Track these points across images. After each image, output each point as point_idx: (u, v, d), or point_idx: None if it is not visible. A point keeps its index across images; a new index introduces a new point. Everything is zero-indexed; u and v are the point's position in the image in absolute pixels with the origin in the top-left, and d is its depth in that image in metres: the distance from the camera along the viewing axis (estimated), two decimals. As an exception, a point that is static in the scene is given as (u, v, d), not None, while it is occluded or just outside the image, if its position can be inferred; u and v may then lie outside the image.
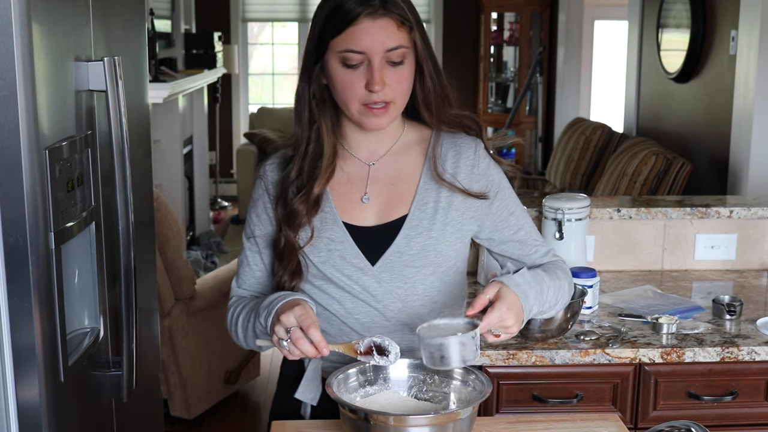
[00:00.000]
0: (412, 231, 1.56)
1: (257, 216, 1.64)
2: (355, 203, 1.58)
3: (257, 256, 1.65)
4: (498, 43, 7.56)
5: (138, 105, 2.20)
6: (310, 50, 1.54)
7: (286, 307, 1.42)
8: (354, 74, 1.49)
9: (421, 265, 1.56)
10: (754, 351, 1.99)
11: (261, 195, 1.64)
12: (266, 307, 1.48)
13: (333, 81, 1.52)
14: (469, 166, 1.60)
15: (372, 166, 1.60)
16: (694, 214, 2.57)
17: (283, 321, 1.40)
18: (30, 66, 1.45)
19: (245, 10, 8.10)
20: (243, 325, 1.60)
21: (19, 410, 1.53)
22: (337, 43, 1.48)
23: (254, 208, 1.65)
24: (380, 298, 1.56)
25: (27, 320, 1.50)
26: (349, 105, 1.51)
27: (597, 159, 5.27)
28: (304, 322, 1.38)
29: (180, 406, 3.41)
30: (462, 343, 1.35)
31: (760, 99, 3.67)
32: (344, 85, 1.50)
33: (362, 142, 1.60)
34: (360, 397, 1.45)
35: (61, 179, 1.59)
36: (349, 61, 1.48)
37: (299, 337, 1.38)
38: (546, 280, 1.58)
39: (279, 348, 1.43)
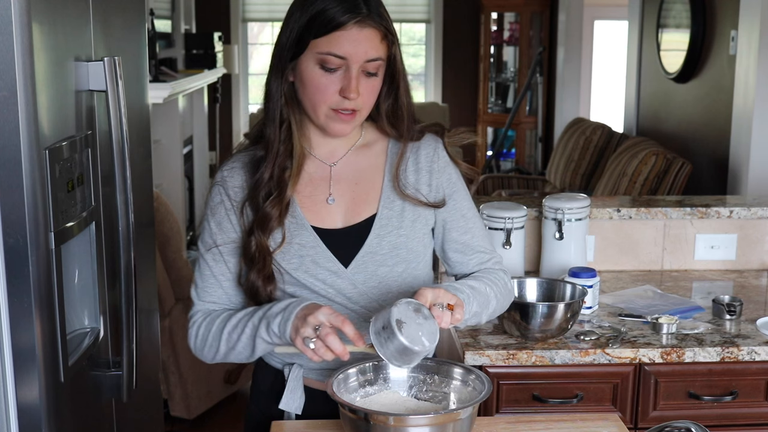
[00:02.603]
0: (383, 230, 1.56)
1: (218, 225, 1.58)
2: (320, 205, 1.57)
3: (222, 266, 1.57)
4: (498, 43, 7.56)
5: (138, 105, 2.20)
6: (286, 47, 1.50)
7: (310, 310, 1.39)
8: (330, 78, 1.48)
9: (394, 264, 1.57)
10: (754, 351, 1.99)
11: (220, 202, 1.58)
12: (279, 313, 1.42)
13: (305, 81, 1.50)
14: (427, 167, 1.61)
15: (333, 166, 1.59)
16: (694, 214, 2.57)
17: (310, 320, 1.36)
18: (30, 66, 1.45)
19: (245, 10, 8.10)
20: (229, 338, 1.50)
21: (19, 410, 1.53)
22: (319, 45, 1.47)
23: (213, 216, 1.58)
24: (356, 300, 1.56)
25: (27, 320, 1.50)
26: (317, 107, 1.50)
27: (597, 159, 5.27)
28: (336, 319, 1.36)
29: (180, 406, 3.41)
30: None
31: (760, 99, 3.67)
32: (318, 87, 1.49)
33: (323, 143, 1.59)
34: (360, 397, 1.45)
35: (61, 179, 1.59)
36: (328, 64, 1.47)
37: (329, 333, 1.35)
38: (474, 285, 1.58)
39: (303, 349, 1.37)
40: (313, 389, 1.60)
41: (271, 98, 1.54)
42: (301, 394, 1.59)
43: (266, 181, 1.53)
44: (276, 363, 1.64)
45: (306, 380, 1.60)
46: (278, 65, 1.52)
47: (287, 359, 1.60)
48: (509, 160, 7.55)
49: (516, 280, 2.05)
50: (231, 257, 1.57)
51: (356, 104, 1.49)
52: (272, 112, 1.53)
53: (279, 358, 1.62)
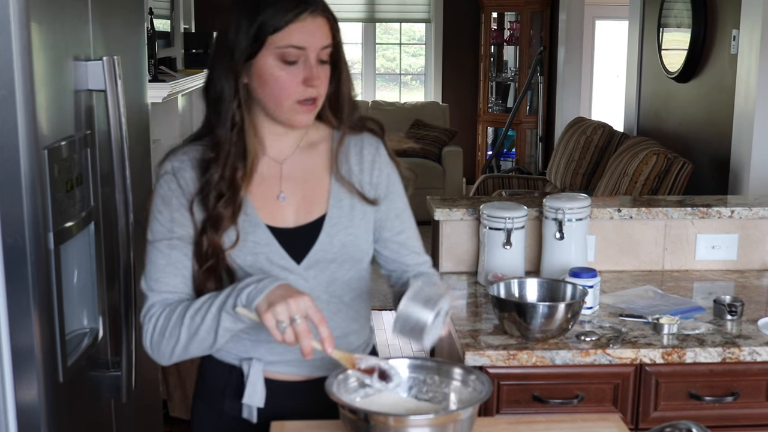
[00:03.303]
0: (333, 229, 1.58)
1: (171, 215, 1.53)
2: (271, 202, 1.58)
3: (179, 253, 1.52)
4: (498, 42, 7.56)
5: (137, 104, 2.19)
6: (237, 48, 1.49)
7: (290, 292, 1.37)
8: (291, 71, 1.49)
9: (343, 261, 1.60)
10: (756, 351, 1.98)
11: (173, 193, 1.54)
12: (253, 284, 1.39)
13: (266, 79, 1.49)
14: (370, 162, 1.63)
15: (283, 164, 1.60)
16: (695, 214, 2.57)
17: (291, 305, 1.34)
18: (29, 66, 1.45)
19: (245, 9, 8.09)
20: (192, 321, 1.45)
21: (18, 411, 1.53)
22: (277, 39, 1.47)
23: (167, 206, 1.53)
24: (317, 295, 1.57)
25: (26, 320, 1.50)
26: (282, 102, 1.51)
27: (597, 159, 5.26)
28: (316, 315, 1.36)
29: (179, 407, 3.40)
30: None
31: (761, 98, 3.67)
32: (281, 82, 1.49)
33: (273, 141, 1.59)
34: (360, 397, 1.44)
35: (60, 179, 1.58)
36: (289, 57, 1.48)
37: (305, 330, 1.35)
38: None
39: (270, 328, 1.35)
40: (273, 381, 1.59)
41: (222, 101, 1.52)
42: (263, 387, 1.59)
43: (217, 182, 1.52)
44: (231, 359, 1.61)
45: (266, 373, 1.59)
46: (229, 67, 1.50)
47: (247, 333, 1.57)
48: (509, 159, 7.55)
49: (516, 280, 2.05)
50: (188, 246, 1.53)
51: (317, 92, 1.52)
52: (224, 114, 1.52)
53: (234, 354, 1.60)
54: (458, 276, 2.51)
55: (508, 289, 2.01)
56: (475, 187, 5.91)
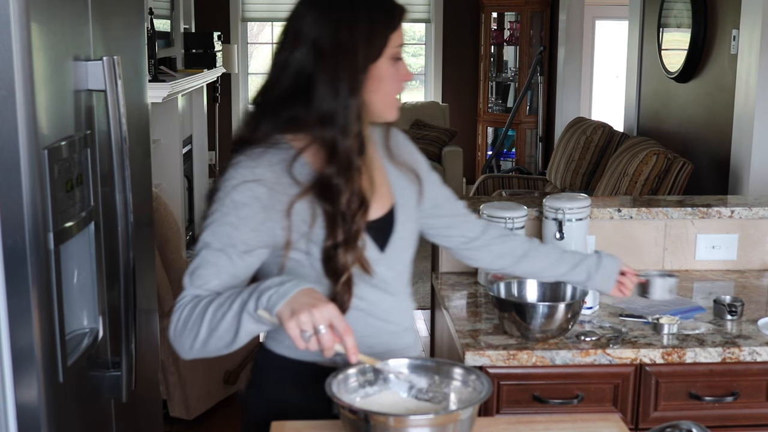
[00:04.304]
0: (403, 216, 1.63)
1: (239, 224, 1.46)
2: None
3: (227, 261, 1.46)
4: (498, 42, 7.56)
5: (137, 104, 2.19)
6: (364, 50, 1.46)
7: (315, 299, 1.33)
8: (398, 68, 1.53)
9: (410, 246, 1.66)
10: (756, 351, 1.98)
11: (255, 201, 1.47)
12: (275, 286, 1.35)
13: (381, 77, 1.50)
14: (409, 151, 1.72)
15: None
16: (695, 214, 2.56)
17: (315, 316, 1.31)
18: (29, 65, 1.45)
19: (245, 9, 8.09)
20: (213, 317, 1.40)
21: (18, 411, 1.53)
22: (394, 39, 1.51)
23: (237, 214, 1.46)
24: (391, 283, 1.61)
25: (26, 321, 1.50)
26: (390, 98, 1.54)
27: (598, 159, 5.26)
28: (341, 324, 1.33)
29: (179, 407, 3.41)
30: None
31: (761, 98, 3.67)
32: (392, 80, 1.53)
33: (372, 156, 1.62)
34: (360, 397, 1.44)
35: (60, 179, 1.58)
36: (398, 55, 1.52)
37: (330, 340, 1.32)
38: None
39: (293, 335, 1.31)
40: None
41: (348, 114, 1.47)
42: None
43: (349, 197, 1.49)
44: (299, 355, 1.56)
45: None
46: (352, 72, 1.46)
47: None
48: (509, 159, 7.55)
49: (516, 280, 2.05)
50: (243, 257, 1.48)
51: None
52: (347, 124, 1.47)
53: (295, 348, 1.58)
54: (458, 276, 2.51)
55: (508, 289, 2.00)
56: (475, 187, 5.91)
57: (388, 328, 1.62)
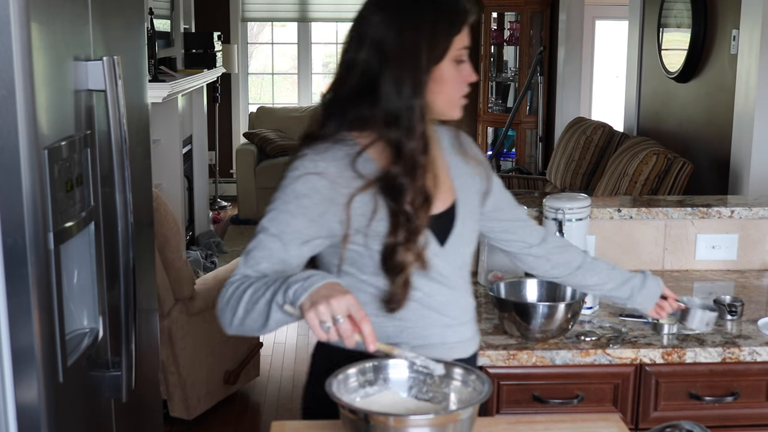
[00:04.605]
0: (464, 213, 1.66)
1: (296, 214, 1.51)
2: None
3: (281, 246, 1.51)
4: (498, 42, 7.55)
5: (137, 105, 2.19)
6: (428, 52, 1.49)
7: (335, 290, 1.35)
8: (461, 69, 1.55)
9: (470, 243, 1.69)
10: (756, 351, 1.98)
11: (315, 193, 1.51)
12: (300, 280, 1.38)
13: (445, 81, 1.54)
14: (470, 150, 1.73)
15: None
16: (695, 214, 2.56)
17: (333, 305, 1.33)
18: (29, 65, 1.45)
19: (245, 9, 8.09)
20: (251, 299, 1.44)
21: (18, 411, 1.53)
22: (458, 41, 1.53)
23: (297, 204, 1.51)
24: (449, 277, 1.63)
25: (26, 320, 1.50)
26: (454, 100, 1.57)
27: (598, 159, 5.26)
28: (358, 313, 1.35)
29: (179, 407, 3.40)
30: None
31: (761, 98, 3.67)
32: (456, 82, 1.55)
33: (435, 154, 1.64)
34: (360, 397, 1.44)
35: (60, 179, 1.58)
36: (461, 57, 1.54)
37: (348, 329, 1.34)
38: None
39: (313, 325, 1.34)
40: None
41: (412, 114, 1.50)
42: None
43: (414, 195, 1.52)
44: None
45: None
46: (416, 74, 1.49)
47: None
48: (509, 159, 7.54)
49: (516, 280, 2.05)
50: (296, 246, 1.52)
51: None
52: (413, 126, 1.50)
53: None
54: (458, 276, 2.51)
55: (508, 289, 2.01)
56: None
57: (443, 320, 1.63)
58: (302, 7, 8.08)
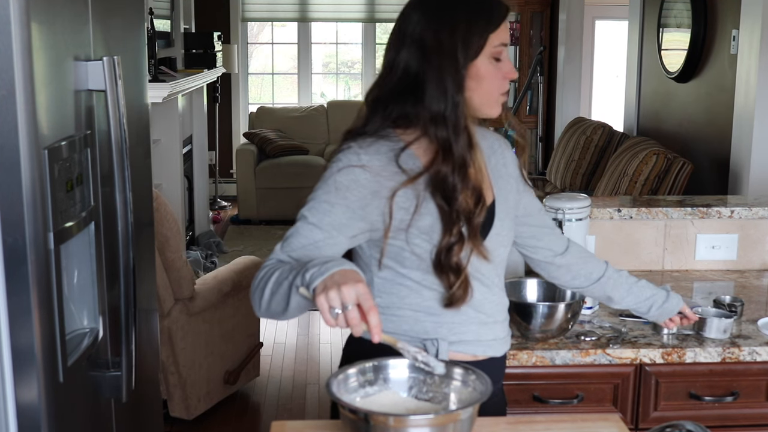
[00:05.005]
0: (502, 213, 1.67)
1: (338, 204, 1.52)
2: None
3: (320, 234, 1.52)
4: (498, 42, 7.55)
5: (137, 105, 2.19)
6: (463, 49, 1.51)
7: (347, 278, 1.35)
8: (499, 66, 1.56)
9: (507, 243, 1.70)
10: (756, 351, 1.98)
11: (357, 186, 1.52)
12: (318, 265, 1.38)
13: (482, 77, 1.54)
14: (511, 156, 1.77)
15: None
16: (695, 214, 2.56)
17: (344, 292, 1.33)
18: (29, 65, 1.45)
19: (245, 9, 8.09)
20: (276, 281, 1.46)
21: (18, 411, 1.53)
22: (494, 38, 1.53)
23: (339, 195, 1.52)
24: (487, 275, 1.64)
25: (26, 320, 1.50)
26: (493, 97, 1.58)
27: (597, 159, 5.26)
28: (366, 302, 1.34)
29: (179, 407, 3.41)
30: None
31: (761, 98, 3.67)
32: (494, 79, 1.56)
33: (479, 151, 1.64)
34: (360, 397, 1.44)
35: (60, 179, 1.58)
36: (498, 54, 1.54)
37: (356, 317, 1.34)
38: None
39: (323, 310, 1.34)
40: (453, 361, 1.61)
41: (458, 111, 1.52)
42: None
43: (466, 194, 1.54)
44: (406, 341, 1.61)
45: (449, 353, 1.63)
46: (454, 71, 1.51)
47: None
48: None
49: (516, 280, 2.05)
50: (333, 236, 1.53)
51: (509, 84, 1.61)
52: (457, 123, 1.52)
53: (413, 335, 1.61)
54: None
55: (508, 289, 2.00)
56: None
57: (479, 317, 1.63)
58: (302, 7, 8.08)
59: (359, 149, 1.55)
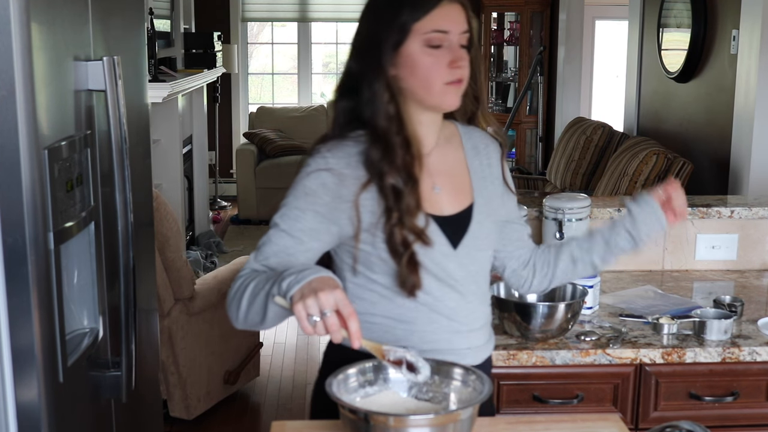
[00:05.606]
0: (481, 216, 1.65)
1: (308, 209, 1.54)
2: (427, 192, 1.61)
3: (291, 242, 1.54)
4: (498, 42, 7.55)
5: (137, 105, 2.19)
6: (386, 39, 1.54)
7: (325, 284, 1.35)
8: (438, 54, 1.54)
9: (487, 248, 1.68)
10: (756, 351, 1.98)
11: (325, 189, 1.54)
12: (295, 273, 1.39)
13: (414, 65, 1.54)
14: (496, 157, 1.74)
15: (429, 157, 1.63)
16: (695, 214, 2.56)
17: (321, 299, 1.33)
18: (29, 65, 1.45)
19: (245, 9, 8.09)
20: (252, 292, 1.47)
21: (18, 410, 1.53)
22: (421, 26, 1.53)
23: (308, 200, 1.54)
24: (462, 281, 1.62)
25: (26, 320, 1.50)
26: (432, 86, 1.55)
27: (597, 159, 5.26)
28: (346, 308, 1.35)
29: (179, 407, 3.41)
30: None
31: (761, 98, 3.67)
32: (429, 66, 1.54)
33: (419, 134, 1.62)
34: (360, 397, 1.44)
35: (60, 179, 1.58)
36: (435, 41, 1.53)
37: (335, 323, 1.34)
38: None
39: (301, 319, 1.34)
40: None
41: (376, 95, 1.55)
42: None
43: (391, 175, 1.54)
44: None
45: None
46: (377, 61, 1.55)
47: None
48: (509, 159, 7.54)
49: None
50: (304, 241, 1.55)
51: (462, 73, 1.57)
52: (380, 108, 1.55)
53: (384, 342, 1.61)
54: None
55: (509, 289, 2.01)
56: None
57: (452, 326, 1.62)
58: (302, 7, 8.08)
59: (326, 152, 1.57)
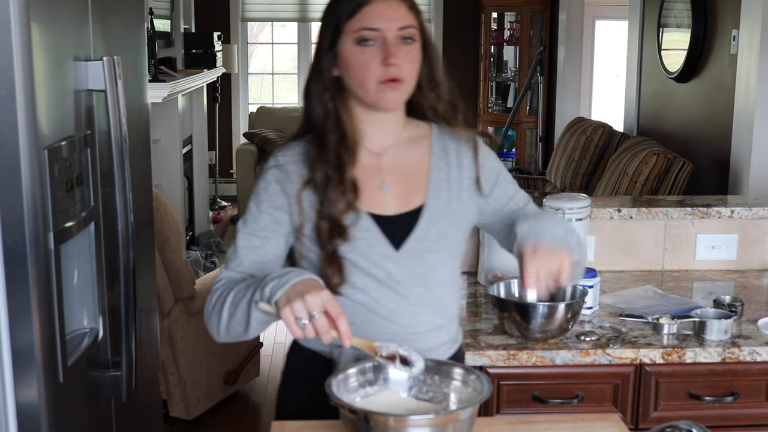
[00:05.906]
0: (431, 219, 1.61)
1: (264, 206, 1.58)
2: (373, 191, 1.60)
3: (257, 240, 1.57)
4: (498, 42, 7.55)
5: (137, 105, 2.20)
6: (322, 41, 1.57)
7: (310, 286, 1.36)
8: (370, 51, 1.53)
9: (440, 250, 1.62)
10: (756, 351, 1.98)
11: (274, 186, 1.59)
12: (277, 277, 1.40)
13: (348, 63, 1.55)
14: (469, 158, 1.68)
15: (382, 156, 1.63)
16: (695, 214, 2.56)
17: (308, 301, 1.33)
18: (29, 65, 1.45)
19: (245, 9, 8.09)
20: (233, 302, 1.47)
21: (18, 410, 1.53)
22: (352, 25, 1.53)
23: (263, 198, 1.59)
24: (404, 284, 1.60)
25: (26, 320, 1.50)
26: (366, 84, 1.55)
27: (598, 159, 5.26)
28: (334, 309, 1.35)
29: (179, 407, 3.41)
30: None
31: (761, 98, 3.67)
32: (361, 64, 1.54)
33: (370, 133, 1.62)
34: (360, 397, 1.45)
35: (60, 179, 1.58)
36: (365, 38, 1.53)
37: (324, 324, 1.34)
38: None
39: (289, 323, 1.34)
40: None
41: (313, 93, 1.59)
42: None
43: (324, 168, 1.56)
44: (320, 347, 1.64)
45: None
46: (316, 62, 1.59)
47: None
48: (509, 159, 7.54)
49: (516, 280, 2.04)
50: (268, 240, 1.58)
51: (399, 72, 1.54)
52: (318, 105, 1.58)
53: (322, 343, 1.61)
54: (458, 276, 2.51)
55: (508, 289, 2.01)
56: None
57: (391, 328, 1.60)
58: (302, 7, 8.08)
59: (278, 152, 1.63)
